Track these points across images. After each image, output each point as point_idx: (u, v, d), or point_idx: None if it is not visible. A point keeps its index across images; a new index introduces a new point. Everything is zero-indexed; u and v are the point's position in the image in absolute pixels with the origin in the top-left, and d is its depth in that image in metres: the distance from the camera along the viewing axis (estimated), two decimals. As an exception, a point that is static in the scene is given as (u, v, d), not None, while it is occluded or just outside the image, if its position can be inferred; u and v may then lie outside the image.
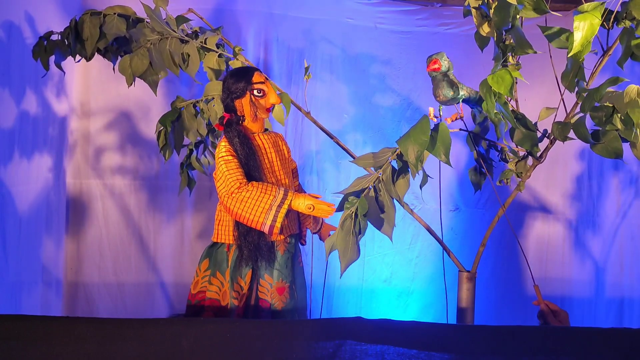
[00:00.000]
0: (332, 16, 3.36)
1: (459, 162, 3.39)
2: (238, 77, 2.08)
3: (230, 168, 1.99)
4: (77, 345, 1.32)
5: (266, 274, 2.09)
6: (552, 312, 1.77)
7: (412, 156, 1.60)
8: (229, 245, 2.11)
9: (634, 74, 2.94)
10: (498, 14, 1.69)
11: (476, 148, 2.31)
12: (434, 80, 2.01)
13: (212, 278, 2.11)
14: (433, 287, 3.40)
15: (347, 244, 1.61)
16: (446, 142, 1.64)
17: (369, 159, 1.75)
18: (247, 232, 2.04)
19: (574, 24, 1.48)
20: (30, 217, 2.82)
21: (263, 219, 1.93)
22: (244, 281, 2.08)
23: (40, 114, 2.87)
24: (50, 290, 3.07)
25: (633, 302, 3.25)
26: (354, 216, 1.61)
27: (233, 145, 2.03)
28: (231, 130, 2.06)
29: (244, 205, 1.94)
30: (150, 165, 3.28)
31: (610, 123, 1.63)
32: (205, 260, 2.15)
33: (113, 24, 2.23)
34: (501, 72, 1.62)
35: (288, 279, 2.12)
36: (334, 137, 2.37)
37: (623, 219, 3.27)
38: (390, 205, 1.68)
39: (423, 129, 1.63)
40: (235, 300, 2.06)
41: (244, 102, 2.09)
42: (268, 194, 1.95)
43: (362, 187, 1.68)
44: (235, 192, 1.95)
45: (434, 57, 1.99)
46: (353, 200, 1.62)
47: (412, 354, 1.32)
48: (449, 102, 2.02)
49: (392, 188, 1.68)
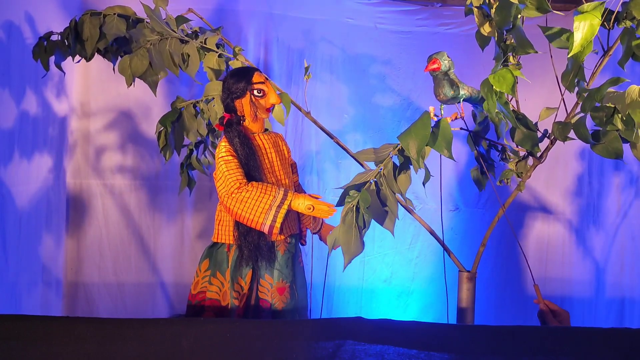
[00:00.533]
0: (332, 16, 3.36)
1: (459, 162, 3.39)
2: (238, 77, 2.08)
3: (230, 168, 2.00)
4: (77, 345, 1.32)
5: (266, 274, 2.09)
6: (552, 312, 1.76)
7: (414, 151, 1.60)
8: (229, 246, 2.11)
9: (635, 74, 2.94)
10: (499, 14, 1.69)
11: (477, 148, 2.31)
12: (435, 79, 2.01)
13: (212, 278, 2.11)
14: (433, 287, 3.40)
15: (350, 238, 1.60)
16: (448, 137, 1.64)
17: (370, 153, 1.74)
18: (247, 232, 2.04)
19: (574, 24, 1.48)
20: (30, 217, 2.82)
21: (263, 219, 1.93)
22: (244, 281, 2.08)
23: (40, 114, 2.87)
24: (50, 290, 3.07)
25: (634, 302, 3.25)
26: (356, 210, 1.60)
27: (233, 146, 2.03)
28: (231, 131, 2.06)
29: (243, 205, 1.94)
30: (151, 165, 3.28)
31: (611, 123, 1.63)
32: (205, 260, 2.15)
33: (113, 24, 2.22)
34: (502, 72, 1.62)
35: (288, 279, 2.12)
36: (334, 137, 2.36)
37: (623, 219, 3.27)
38: (393, 199, 1.67)
39: (424, 124, 1.62)
40: (235, 301, 2.06)
41: (244, 102, 2.09)
42: (268, 194, 1.95)
43: (363, 181, 1.67)
44: (235, 192, 1.95)
45: (434, 56, 1.98)
46: (354, 193, 1.62)
47: (412, 354, 1.32)
48: (450, 102, 2.02)
49: (394, 183, 1.68)
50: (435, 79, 2.01)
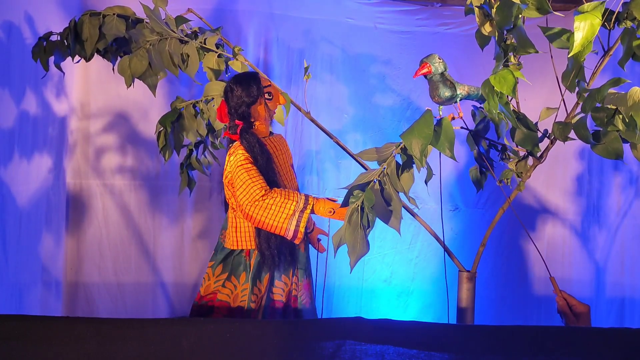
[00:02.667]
0: (332, 16, 3.36)
1: (459, 162, 3.39)
2: (247, 83, 2.08)
3: (252, 176, 1.99)
4: (77, 345, 1.32)
5: (284, 275, 2.11)
6: (570, 307, 1.73)
7: (417, 150, 1.60)
8: (249, 251, 2.11)
9: (635, 74, 2.94)
10: (500, 13, 1.69)
11: (477, 147, 2.31)
12: (430, 82, 2.02)
13: (227, 282, 2.11)
14: (433, 287, 3.40)
15: (356, 238, 1.60)
16: (450, 136, 1.63)
17: (373, 153, 1.74)
18: (268, 237, 2.05)
19: (574, 24, 1.48)
20: (30, 216, 2.82)
21: (287, 224, 1.94)
22: (262, 284, 2.09)
23: (40, 114, 2.87)
24: (50, 290, 3.07)
25: (634, 302, 3.25)
26: (361, 210, 1.60)
27: (252, 153, 2.03)
28: (250, 138, 2.05)
29: (268, 212, 1.95)
30: (150, 166, 3.27)
31: (611, 124, 1.63)
32: (220, 265, 2.13)
33: (112, 24, 2.22)
34: (503, 72, 1.61)
35: (310, 276, 2.17)
36: (334, 137, 2.36)
37: (623, 219, 3.27)
38: (397, 198, 1.66)
39: (427, 123, 1.62)
40: (253, 304, 2.07)
41: (260, 108, 2.10)
42: (291, 199, 1.96)
43: (367, 181, 1.67)
44: (259, 200, 1.96)
45: (424, 60, 1.99)
46: (358, 193, 1.62)
47: (412, 354, 1.32)
48: (447, 103, 2.02)
49: (398, 181, 1.67)
50: (430, 81, 2.02)
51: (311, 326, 1.41)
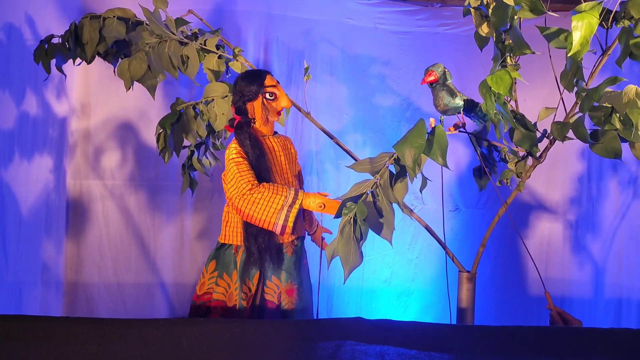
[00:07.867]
0: (331, 17, 3.37)
1: (459, 163, 3.40)
2: (250, 80, 2.09)
3: (241, 170, 2.00)
4: (77, 345, 1.32)
5: (273, 275, 2.10)
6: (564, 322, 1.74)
7: (409, 160, 1.60)
8: (237, 247, 2.12)
9: (633, 73, 2.94)
10: (496, 14, 1.70)
11: (479, 148, 2.31)
12: (434, 90, 2.03)
13: (219, 280, 2.11)
14: (433, 287, 3.40)
15: (349, 250, 1.60)
16: (442, 144, 1.64)
17: (366, 164, 1.75)
18: (256, 233, 2.04)
19: (572, 23, 1.49)
20: (30, 217, 2.83)
21: (275, 219, 1.94)
22: (252, 282, 2.09)
23: (40, 115, 2.87)
24: (50, 291, 3.07)
25: (631, 303, 3.25)
26: (353, 222, 1.61)
27: (244, 147, 2.04)
28: (242, 133, 2.07)
29: (255, 206, 1.95)
30: (150, 166, 3.28)
31: (609, 123, 1.63)
32: (212, 261, 2.15)
33: (112, 27, 2.22)
34: (500, 73, 1.62)
35: (296, 281, 2.14)
36: (334, 137, 2.37)
37: (622, 219, 3.27)
38: (389, 209, 1.67)
39: (420, 133, 1.62)
40: (243, 302, 2.07)
41: (256, 105, 2.10)
42: (279, 194, 1.96)
43: (360, 193, 1.67)
44: (246, 194, 1.96)
45: (430, 69, 2.00)
46: (351, 205, 1.62)
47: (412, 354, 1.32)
48: (450, 112, 2.03)
49: (390, 192, 1.68)
50: (434, 90, 2.02)
51: (311, 326, 1.41)
